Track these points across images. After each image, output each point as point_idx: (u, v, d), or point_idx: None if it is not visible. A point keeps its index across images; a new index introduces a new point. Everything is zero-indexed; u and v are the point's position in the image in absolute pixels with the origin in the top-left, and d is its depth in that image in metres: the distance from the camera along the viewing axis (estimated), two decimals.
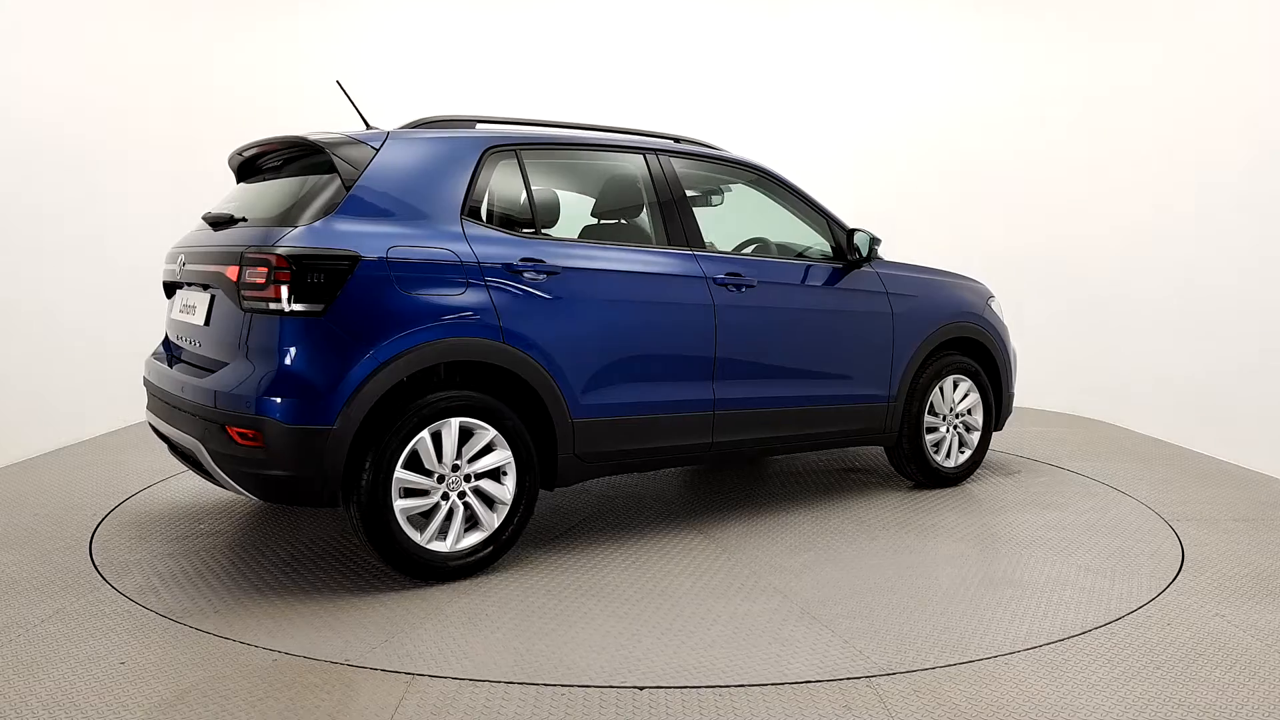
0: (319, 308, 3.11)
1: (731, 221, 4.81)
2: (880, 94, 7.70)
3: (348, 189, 3.30)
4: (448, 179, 3.49)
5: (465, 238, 3.43)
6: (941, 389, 4.78)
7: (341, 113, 4.16)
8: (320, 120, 4.47)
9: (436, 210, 3.43)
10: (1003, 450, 5.81)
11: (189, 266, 3.61)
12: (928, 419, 4.74)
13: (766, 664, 2.74)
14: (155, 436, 3.91)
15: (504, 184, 3.71)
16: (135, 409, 6.02)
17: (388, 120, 3.98)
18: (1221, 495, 4.77)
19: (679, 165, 4.15)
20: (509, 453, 3.44)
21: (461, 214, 3.47)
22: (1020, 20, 7.56)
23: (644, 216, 4.11)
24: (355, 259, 3.17)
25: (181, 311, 3.75)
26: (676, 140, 4.33)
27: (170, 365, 3.67)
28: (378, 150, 3.41)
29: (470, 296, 3.36)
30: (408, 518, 3.28)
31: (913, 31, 7.71)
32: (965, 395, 4.88)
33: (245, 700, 2.47)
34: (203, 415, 3.27)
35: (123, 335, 6.20)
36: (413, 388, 3.33)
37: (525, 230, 3.65)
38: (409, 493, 3.28)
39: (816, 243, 4.52)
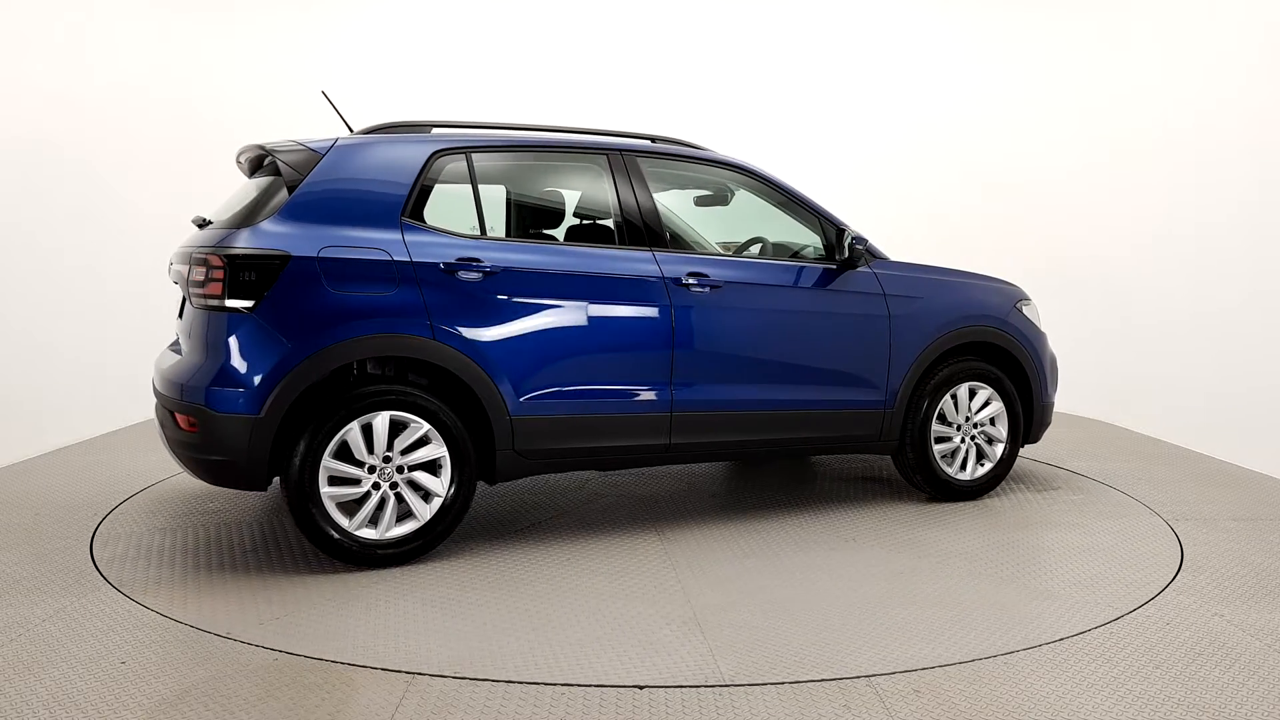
0: (249, 304, 3.33)
1: (733, 221, 4.79)
2: (882, 94, 7.70)
3: (291, 192, 3.49)
4: (390, 182, 3.62)
5: (403, 239, 3.55)
6: (955, 396, 4.48)
7: (345, 114, 4.19)
8: (322, 122, 4.47)
9: (376, 212, 3.57)
10: None
11: (174, 266, 3.85)
12: (939, 428, 4.44)
13: (621, 666, 2.72)
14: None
15: (452, 187, 3.81)
16: (135, 409, 6.05)
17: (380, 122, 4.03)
18: (1221, 495, 4.76)
19: (646, 165, 4.09)
20: (444, 447, 3.53)
21: (402, 215, 3.59)
22: (1021, 20, 7.56)
23: (609, 217, 4.10)
24: (285, 258, 3.36)
25: (177, 308, 3.95)
26: (653, 140, 4.28)
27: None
28: (323, 155, 3.57)
29: (402, 295, 3.50)
30: (338, 505, 3.42)
31: (915, 32, 7.71)
32: (985, 404, 4.54)
33: (245, 700, 2.47)
34: (163, 403, 3.60)
35: (123, 335, 6.21)
36: (361, 379, 3.52)
37: (470, 232, 3.72)
38: (339, 481, 3.42)
39: (815, 243, 4.43)
